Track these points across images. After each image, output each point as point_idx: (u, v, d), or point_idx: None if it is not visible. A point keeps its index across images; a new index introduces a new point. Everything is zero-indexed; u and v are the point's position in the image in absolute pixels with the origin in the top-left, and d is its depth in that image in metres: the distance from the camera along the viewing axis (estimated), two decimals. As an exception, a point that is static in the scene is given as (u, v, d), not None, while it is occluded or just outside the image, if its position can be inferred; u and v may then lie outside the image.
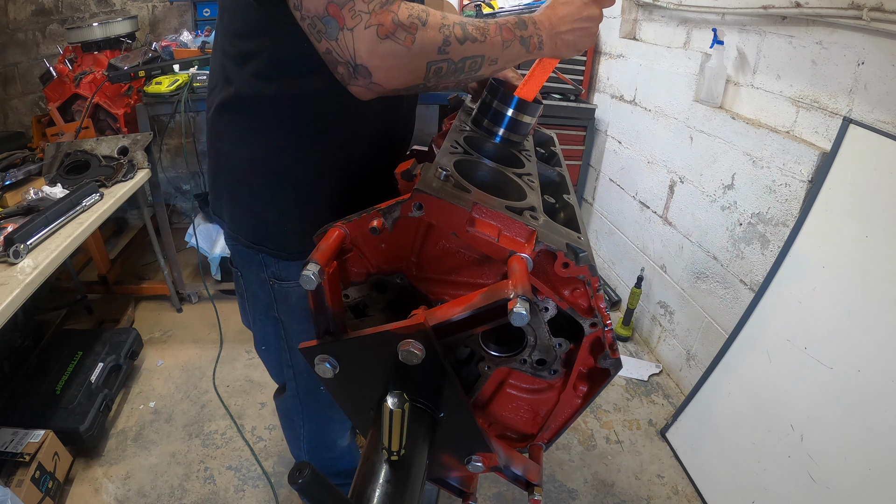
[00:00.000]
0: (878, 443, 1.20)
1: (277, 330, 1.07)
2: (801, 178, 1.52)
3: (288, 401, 1.24)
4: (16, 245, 1.31)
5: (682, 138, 2.06)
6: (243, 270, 1.05)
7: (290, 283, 0.99)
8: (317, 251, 0.61)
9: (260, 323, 1.12)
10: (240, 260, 1.04)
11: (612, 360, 0.66)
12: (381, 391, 0.64)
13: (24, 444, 1.49)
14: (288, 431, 1.35)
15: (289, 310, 1.02)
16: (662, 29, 2.26)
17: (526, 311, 0.50)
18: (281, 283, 1.00)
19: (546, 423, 0.76)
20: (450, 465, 0.72)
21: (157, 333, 2.37)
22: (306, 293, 0.97)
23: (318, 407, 1.21)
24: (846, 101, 1.42)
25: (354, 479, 0.57)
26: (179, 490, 1.65)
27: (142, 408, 1.95)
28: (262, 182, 0.91)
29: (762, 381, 1.54)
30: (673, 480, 1.75)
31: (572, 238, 0.62)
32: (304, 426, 1.26)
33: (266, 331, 1.12)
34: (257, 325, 1.14)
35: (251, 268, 1.02)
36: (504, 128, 0.88)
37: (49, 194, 1.62)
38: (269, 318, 1.07)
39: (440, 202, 0.59)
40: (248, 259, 1.01)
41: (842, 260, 1.36)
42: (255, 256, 0.98)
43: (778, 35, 1.62)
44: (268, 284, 1.01)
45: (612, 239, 2.70)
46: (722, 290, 1.87)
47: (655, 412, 2.04)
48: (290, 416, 1.28)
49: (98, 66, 2.33)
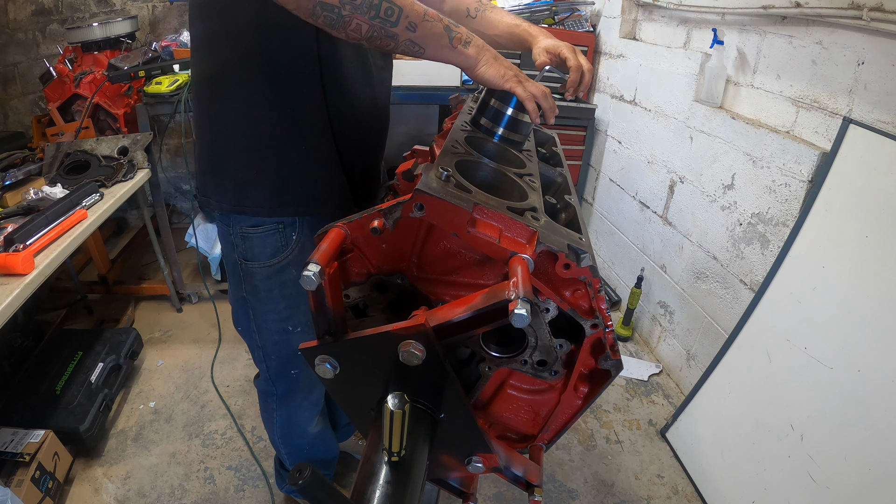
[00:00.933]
0: (878, 443, 1.20)
1: (246, 310, 1.13)
2: (801, 178, 1.52)
3: (262, 382, 1.29)
4: (16, 245, 1.31)
5: (682, 138, 2.06)
6: (223, 250, 1.11)
7: (255, 263, 1.05)
8: (317, 251, 0.61)
9: (234, 303, 1.17)
10: (221, 240, 1.10)
11: (612, 362, 0.66)
12: (381, 392, 0.64)
13: (24, 444, 1.49)
14: (264, 413, 1.40)
15: (253, 290, 1.09)
16: (662, 29, 2.26)
17: (527, 312, 0.50)
18: (247, 264, 1.06)
19: (546, 424, 0.76)
20: (450, 465, 0.72)
21: (157, 333, 2.37)
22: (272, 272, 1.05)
23: (289, 389, 1.26)
24: (846, 101, 1.42)
25: (355, 479, 0.57)
26: (179, 490, 1.65)
27: (142, 408, 1.95)
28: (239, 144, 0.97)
29: (762, 381, 1.54)
30: (673, 480, 1.75)
31: (573, 239, 0.62)
32: (276, 409, 1.31)
33: (239, 311, 1.17)
34: (233, 305, 1.19)
35: (228, 249, 1.08)
36: (504, 127, 0.88)
37: (49, 194, 1.62)
38: (239, 298, 1.13)
39: (441, 203, 0.59)
40: (224, 238, 1.07)
41: (842, 260, 1.36)
42: (229, 237, 1.05)
43: (778, 35, 1.62)
44: (238, 265, 1.07)
45: (612, 239, 2.70)
46: (722, 290, 1.87)
47: (655, 412, 2.04)
48: (265, 398, 1.33)
49: (98, 66, 2.33)
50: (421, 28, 0.74)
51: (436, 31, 0.76)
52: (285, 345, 1.16)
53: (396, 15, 0.72)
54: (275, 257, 1.05)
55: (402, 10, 0.72)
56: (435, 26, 0.75)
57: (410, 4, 0.73)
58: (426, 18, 0.75)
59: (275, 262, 1.05)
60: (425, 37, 0.75)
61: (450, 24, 0.77)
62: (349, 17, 0.71)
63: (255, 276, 1.07)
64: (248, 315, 1.13)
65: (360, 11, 0.71)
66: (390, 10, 0.72)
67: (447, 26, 0.77)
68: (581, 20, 2.71)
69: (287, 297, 1.09)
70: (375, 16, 0.71)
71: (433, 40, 0.76)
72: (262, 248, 1.04)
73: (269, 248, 1.04)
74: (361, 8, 0.70)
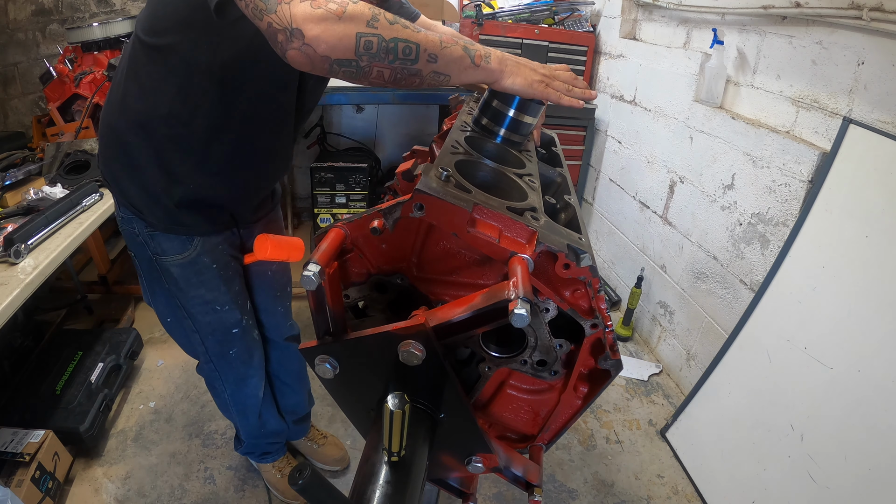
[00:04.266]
0: (878, 443, 1.20)
1: (172, 300, 1.18)
2: (801, 178, 1.52)
3: (205, 369, 1.35)
4: (16, 245, 1.31)
5: (682, 138, 2.06)
6: (134, 252, 1.15)
7: (169, 257, 1.11)
8: (317, 251, 0.61)
9: (157, 298, 1.21)
10: (130, 244, 1.15)
11: (612, 362, 0.66)
12: (381, 392, 0.64)
13: (24, 444, 1.49)
14: (215, 398, 1.46)
15: (175, 281, 1.14)
16: (662, 29, 2.26)
17: (527, 312, 0.50)
18: (161, 258, 1.11)
19: (546, 424, 0.76)
20: (450, 465, 0.72)
21: (157, 333, 2.37)
22: (185, 263, 1.11)
23: (231, 366, 1.31)
24: (846, 101, 1.42)
25: (354, 479, 0.57)
26: (179, 490, 1.65)
27: (142, 408, 1.95)
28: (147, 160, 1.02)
29: (762, 381, 1.54)
30: (673, 480, 1.75)
31: (573, 239, 0.62)
32: (226, 389, 1.36)
33: (164, 304, 1.21)
34: (156, 300, 1.22)
35: (137, 249, 1.13)
36: (505, 128, 0.88)
37: (49, 194, 1.62)
38: (161, 291, 1.18)
39: (441, 203, 0.59)
40: (133, 242, 1.12)
41: (842, 260, 1.36)
42: (137, 239, 1.10)
43: (778, 35, 1.62)
44: (153, 261, 1.12)
45: (612, 239, 2.70)
46: (722, 290, 1.87)
47: (655, 412, 2.04)
48: (212, 383, 1.40)
49: (98, 66, 2.33)
50: (441, 57, 0.73)
51: (456, 55, 0.74)
52: (218, 323, 1.22)
53: (415, 52, 0.71)
54: (185, 251, 1.11)
55: (420, 45, 0.71)
56: (454, 51, 0.74)
57: (425, 38, 0.72)
58: (444, 46, 0.73)
59: (185, 255, 1.11)
60: (448, 64, 0.74)
61: (466, 44, 0.76)
62: (368, 68, 0.70)
63: (171, 268, 1.12)
64: (175, 304, 1.18)
65: (379, 59, 0.70)
66: (407, 48, 0.71)
67: (465, 47, 0.76)
68: (581, 20, 2.71)
69: (205, 282, 1.15)
70: (395, 59, 0.70)
71: (455, 65, 0.75)
72: (170, 243, 1.10)
73: (176, 243, 1.10)
74: (378, 55, 0.70)
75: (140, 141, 1.01)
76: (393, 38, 0.70)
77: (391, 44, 0.70)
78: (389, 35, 0.69)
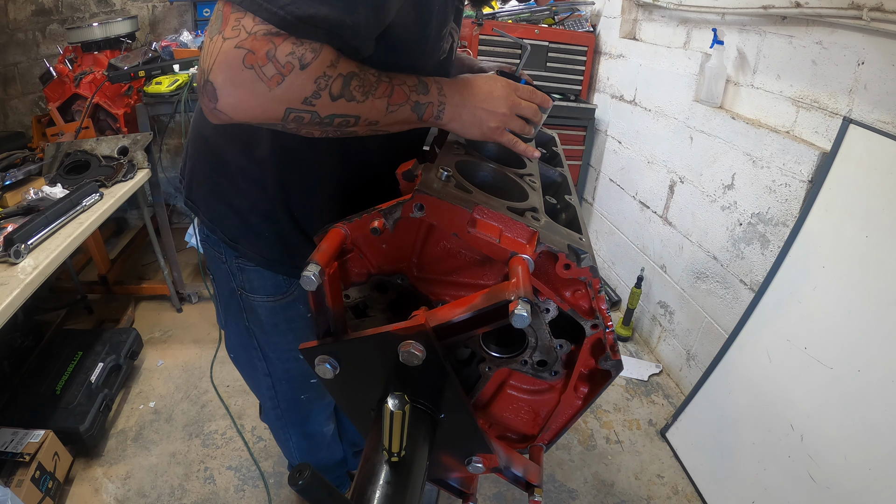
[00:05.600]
0: (879, 443, 1.20)
1: (249, 340, 1.03)
2: (801, 178, 1.52)
3: (270, 415, 1.20)
4: (16, 245, 1.31)
5: (682, 138, 2.05)
6: (215, 275, 1.02)
7: (257, 297, 0.95)
8: (317, 251, 0.61)
9: (232, 328, 1.08)
10: (211, 264, 1.01)
11: (612, 362, 0.66)
12: (381, 392, 0.64)
13: (24, 444, 1.49)
14: (279, 442, 1.37)
15: (260, 324, 0.99)
16: (662, 29, 2.26)
17: (527, 312, 0.50)
18: (248, 296, 0.96)
19: (546, 424, 0.76)
20: (450, 465, 0.72)
21: (157, 333, 2.37)
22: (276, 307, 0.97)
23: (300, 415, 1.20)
24: (846, 101, 1.42)
25: (354, 479, 0.57)
26: (179, 490, 1.65)
27: (142, 408, 1.95)
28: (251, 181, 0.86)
29: (762, 382, 1.54)
30: (673, 480, 1.75)
31: (574, 239, 0.62)
32: (291, 437, 1.27)
33: (237, 338, 1.08)
34: (229, 329, 1.10)
35: (220, 275, 0.98)
36: None
37: (49, 194, 1.62)
38: (240, 326, 1.03)
39: (441, 203, 0.59)
40: (216, 266, 0.97)
41: (842, 260, 1.36)
42: (223, 266, 0.94)
43: (778, 35, 1.61)
44: (237, 294, 0.97)
45: (612, 239, 2.70)
46: (722, 290, 1.87)
47: (655, 412, 2.04)
48: (276, 431, 1.30)
49: (98, 66, 2.33)
50: (384, 121, 0.68)
51: (401, 117, 0.69)
52: (297, 371, 1.06)
53: (353, 122, 0.65)
54: (278, 293, 0.94)
55: (360, 117, 0.65)
56: (400, 113, 0.68)
57: (370, 107, 0.65)
58: (389, 111, 0.67)
59: (279, 298, 0.95)
60: (390, 125, 0.70)
61: (419, 100, 0.69)
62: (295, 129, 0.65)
63: (259, 309, 0.96)
64: (252, 344, 1.03)
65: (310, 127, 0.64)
66: (345, 121, 0.65)
67: (416, 103, 0.69)
68: (581, 20, 2.71)
69: (296, 329, 0.99)
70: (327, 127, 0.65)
71: (399, 124, 0.70)
72: (263, 282, 0.93)
73: (270, 283, 0.94)
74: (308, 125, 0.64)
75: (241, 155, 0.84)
76: (329, 116, 0.63)
77: (326, 119, 0.63)
78: (327, 112, 0.62)
